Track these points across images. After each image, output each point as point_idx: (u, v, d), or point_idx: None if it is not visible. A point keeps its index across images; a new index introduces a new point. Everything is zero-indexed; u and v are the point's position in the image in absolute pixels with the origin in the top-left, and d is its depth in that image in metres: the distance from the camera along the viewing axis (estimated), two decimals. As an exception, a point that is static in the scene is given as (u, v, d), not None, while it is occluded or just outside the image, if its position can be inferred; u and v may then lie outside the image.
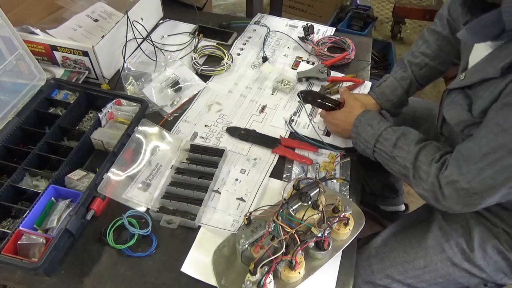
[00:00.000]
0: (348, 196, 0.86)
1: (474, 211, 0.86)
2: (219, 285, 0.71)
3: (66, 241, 0.74)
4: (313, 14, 2.59)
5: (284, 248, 0.68)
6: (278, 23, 1.34)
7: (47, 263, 0.68)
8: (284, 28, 1.32)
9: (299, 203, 0.76)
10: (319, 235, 0.71)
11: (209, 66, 1.15)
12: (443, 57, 0.94)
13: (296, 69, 1.17)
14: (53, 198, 0.78)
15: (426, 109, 1.10)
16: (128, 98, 0.97)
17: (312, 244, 0.72)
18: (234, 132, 0.98)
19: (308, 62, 1.20)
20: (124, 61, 1.10)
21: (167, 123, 1.01)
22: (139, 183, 0.86)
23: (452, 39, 0.92)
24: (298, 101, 1.07)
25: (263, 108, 1.06)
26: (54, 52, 1.05)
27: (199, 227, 0.80)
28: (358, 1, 2.20)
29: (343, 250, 0.76)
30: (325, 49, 1.22)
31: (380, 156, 0.82)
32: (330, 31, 1.31)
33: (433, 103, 1.15)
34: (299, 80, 1.13)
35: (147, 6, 1.23)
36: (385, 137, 0.80)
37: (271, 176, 0.90)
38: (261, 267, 0.67)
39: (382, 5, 2.88)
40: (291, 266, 0.69)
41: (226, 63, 1.15)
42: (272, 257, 0.67)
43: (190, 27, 1.30)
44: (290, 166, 0.92)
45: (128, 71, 1.09)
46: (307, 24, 1.25)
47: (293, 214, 0.74)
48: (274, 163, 0.92)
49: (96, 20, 1.22)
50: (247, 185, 0.88)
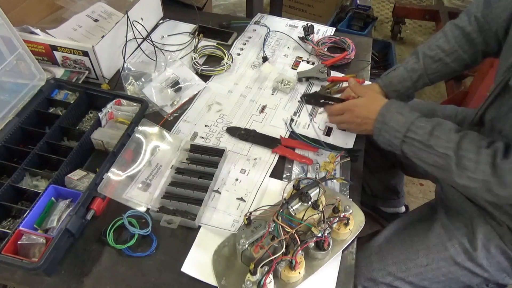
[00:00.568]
0: (348, 196, 0.86)
1: (480, 208, 0.85)
2: (219, 285, 0.71)
3: (66, 241, 0.74)
4: (313, 14, 2.59)
5: (284, 248, 0.68)
6: (278, 23, 1.34)
7: (47, 263, 0.68)
8: (284, 28, 1.32)
9: (299, 203, 0.76)
10: (319, 235, 0.71)
11: (209, 66, 1.15)
12: (459, 55, 0.91)
13: (296, 69, 1.17)
14: (53, 198, 0.78)
15: (429, 110, 1.09)
16: (128, 98, 0.97)
17: (312, 244, 0.72)
18: (234, 132, 0.98)
19: (308, 62, 1.20)
20: (124, 61, 1.10)
21: (167, 123, 1.01)
22: (139, 183, 0.86)
23: (475, 36, 0.88)
24: (299, 101, 1.07)
25: (263, 108, 1.06)
26: (54, 52, 1.05)
27: (199, 227, 0.80)
28: (358, 1, 2.20)
29: (343, 250, 0.76)
30: (325, 49, 1.22)
31: (411, 147, 0.76)
32: (330, 31, 1.31)
33: (435, 104, 1.15)
34: (299, 80, 1.13)
35: (147, 6, 1.23)
36: (419, 125, 0.75)
37: (271, 176, 0.90)
38: (261, 267, 0.67)
39: (382, 5, 2.88)
40: (291, 266, 0.69)
41: (226, 63, 1.15)
42: (272, 257, 0.67)
43: (190, 27, 1.30)
44: (290, 166, 0.92)
45: (128, 71, 1.09)
46: (307, 24, 1.25)
47: (293, 214, 0.74)
48: (274, 163, 0.92)
49: (96, 20, 1.22)
50: (247, 185, 0.88)
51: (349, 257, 0.77)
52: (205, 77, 1.13)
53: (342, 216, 0.75)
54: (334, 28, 1.32)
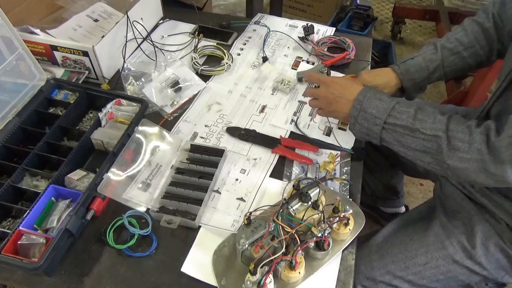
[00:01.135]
0: (348, 196, 0.86)
1: (478, 205, 0.86)
2: (219, 285, 0.71)
3: (66, 241, 0.74)
4: (313, 14, 2.59)
5: (284, 248, 0.68)
6: (278, 23, 1.34)
7: (47, 263, 0.68)
8: (284, 28, 1.32)
9: (299, 203, 0.76)
10: (319, 235, 0.71)
11: (209, 66, 1.15)
12: (476, 51, 0.90)
13: (296, 69, 1.17)
14: (53, 198, 0.78)
15: None
16: (128, 98, 0.97)
17: (312, 244, 0.72)
18: (234, 132, 0.98)
19: (308, 62, 1.20)
20: (124, 61, 1.10)
21: (167, 123, 1.01)
22: (139, 183, 0.86)
23: (493, 33, 0.89)
24: (299, 101, 1.08)
25: (263, 108, 1.06)
26: (54, 52, 1.05)
27: (199, 227, 0.80)
28: (358, 1, 2.20)
29: (343, 250, 0.76)
30: (325, 49, 1.22)
31: (393, 134, 0.73)
32: (330, 31, 1.31)
33: (435, 104, 1.15)
34: (299, 80, 1.13)
35: (147, 6, 1.23)
36: (400, 110, 0.73)
37: (271, 176, 0.90)
38: (261, 267, 0.67)
39: (382, 5, 2.88)
40: (291, 266, 0.69)
41: (226, 63, 1.15)
42: (272, 257, 0.67)
43: (190, 27, 1.30)
44: (290, 166, 0.92)
45: (128, 71, 1.09)
46: (307, 24, 1.25)
47: (293, 214, 0.74)
48: (274, 163, 0.92)
49: (96, 20, 1.22)
50: (247, 185, 0.88)
51: (349, 257, 0.77)
52: (205, 77, 1.13)
53: (342, 216, 0.75)
54: (334, 28, 1.32)
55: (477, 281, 0.89)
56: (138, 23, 1.14)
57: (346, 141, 0.97)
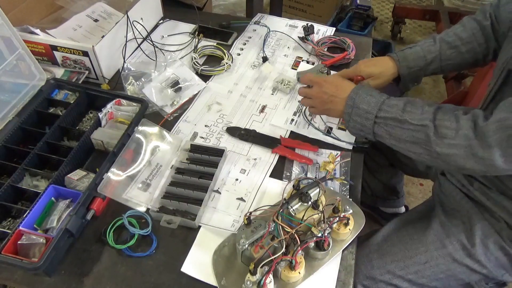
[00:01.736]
0: (348, 196, 0.86)
1: (477, 204, 0.86)
2: (219, 285, 0.71)
3: (66, 241, 0.74)
4: (313, 14, 2.59)
5: (284, 248, 0.69)
6: (278, 23, 1.34)
7: (47, 263, 0.68)
8: (284, 28, 1.32)
9: (299, 203, 0.76)
10: (319, 235, 0.71)
11: (209, 66, 1.15)
12: (473, 47, 0.92)
13: (296, 69, 1.17)
14: (53, 198, 0.78)
15: None
16: (128, 98, 0.97)
17: (312, 244, 0.72)
18: (234, 132, 0.98)
19: (308, 62, 1.20)
20: (124, 61, 1.10)
21: (167, 123, 1.01)
22: (139, 183, 0.86)
23: (490, 31, 0.90)
24: (299, 101, 1.08)
25: (263, 108, 1.06)
26: (54, 52, 1.05)
27: (199, 227, 0.80)
28: (358, 1, 2.20)
29: (343, 250, 0.76)
30: (325, 49, 1.22)
31: (384, 127, 0.75)
32: (330, 31, 1.31)
33: (435, 103, 1.15)
34: (299, 80, 1.13)
35: (147, 6, 1.23)
36: (390, 104, 0.75)
37: (271, 176, 0.90)
38: (261, 267, 0.67)
39: (382, 5, 2.88)
40: (291, 266, 0.69)
41: (226, 63, 1.15)
42: (272, 257, 0.67)
43: (190, 27, 1.30)
44: (290, 166, 0.92)
45: (128, 71, 1.09)
46: (307, 24, 1.25)
47: (293, 214, 0.74)
48: (274, 163, 0.92)
49: (96, 20, 1.22)
50: (247, 185, 0.88)
51: (349, 257, 0.77)
52: (205, 77, 1.13)
53: (342, 216, 0.75)
54: (334, 28, 1.32)
55: (477, 280, 0.89)
56: (138, 23, 1.14)
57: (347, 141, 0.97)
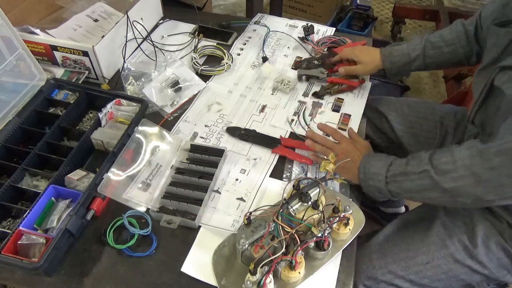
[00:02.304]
0: (348, 196, 0.86)
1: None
2: (219, 285, 0.71)
3: (66, 241, 0.74)
4: (313, 14, 2.59)
5: (284, 248, 0.68)
6: (278, 23, 1.34)
7: (47, 263, 0.68)
8: (284, 28, 1.32)
9: (299, 203, 0.76)
10: (319, 235, 0.71)
11: (209, 66, 1.15)
12: (456, 49, 0.98)
13: (296, 69, 1.17)
14: (53, 198, 0.78)
15: (428, 109, 1.10)
16: (128, 98, 0.97)
17: (312, 244, 0.72)
18: (234, 132, 0.98)
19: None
20: (124, 61, 1.10)
21: (167, 123, 1.01)
22: (139, 183, 0.86)
23: (472, 36, 0.96)
24: (299, 101, 1.08)
25: (263, 108, 1.06)
26: (54, 52, 1.05)
27: (199, 227, 0.80)
28: (358, 1, 2.20)
29: (343, 250, 0.76)
30: (325, 49, 1.22)
31: (395, 183, 0.79)
32: (330, 31, 1.31)
33: (434, 103, 1.16)
34: (299, 78, 1.13)
35: (147, 6, 1.23)
36: (396, 163, 0.80)
37: (271, 176, 0.90)
38: (261, 267, 0.67)
39: (382, 5, 2.88)
40: (291, 266, 0.69)
41: (226, 63, 1.15)
42: (272, 257, 0.67)
43: (190, 27, 1.30)
44: (290, 166, 0.92)
45: (128, 71, 1.09)
46: (307, 24, 1.25)
47: (293, 214, 0.74)
48: (274, 163, 0.92)
49: (96, 20, 1.22)
50: (247, 185, 0.88)
51: (349, 257, 0.77)
52: (205, 77, 1.13)
53: (342, 216, 0.75)
54: (334, 28, 1.32)
55: (479, 281, 0.89)
56: (138, 23, 1.14)
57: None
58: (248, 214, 0.72)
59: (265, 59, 1.19)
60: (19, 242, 0.71)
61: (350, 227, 0.76)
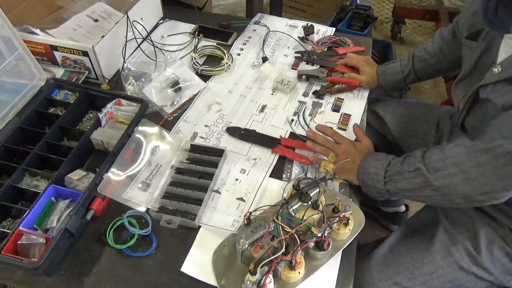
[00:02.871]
0: (348, 196, 0.86)
1: (481, 211, 0.86)
2: (219, 285, 0.71)
3: (66, 241, 0.74)
4: (313, 14, 2.59)
5: (284, 248, 0.68)
6: (278, 23, 1.34)
7: (47, 263, 0.68)
8: (284, 28, 1.32)
9: (299, 203, 0.76)
10: (319, 235, 0.71)
11: (209, 66, 1.15)
12: (439, 58, 1.03)
13: (296, 69, 1.17)
14: (53, 198, 0.78)
15: (425, 110, 1.10)
16: (128, 98, 0.97)
17: (312, 244, 0.72)
18: (234, 132, 0.98)
19: (308, 63, 1.20)
20: (124, 61, 1.10)
21: (167, 123, 1.01)
22: (139, 183, 0.86)
23: (452, 44, 1.00)
24: (299, 101, 1.08)
25: (263, 108, 1.06)
26: (54, 52, 1.05)
27: (199, 227, 0.80)
28: (358, 1, 2.20)
29: (343, 250, 0.76)
30: (325, 49, 1.22)
31: (392, 183, 0.80)
32: (330, 31, 1.31)
33: (431, 105, 1.16)
34: (299, 78, 1.13)
35: (147, 6, 1.23)
36: (393, 163, 0.81)
37: (271, 176, 0.90)
38: (261, 267, 0.67)
39: (382, 5, 2.88)
40: (291, 266, 0.69)
41: (226, 63, 1.15)
42: (272, 257, 0.67)
43: (190, 27, 1.30)
44: (290, 166, 0.92)
45: (128, 71, 1.09)
46: (307, 24, 1.25)
47: (293, 214, 0.74)
48: (274, 163, 0.92)
49: (96, 20, 1.22)
50: (247, 185, 0.88)
51: (349, 257, 0.77)
52: (205, 77, 1.13)
53: (342, 216, 0.75)
54: (334, 28, 1.32)
55: None
56: (138, 23, 1.14)
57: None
58: (248, 214, 0.72)
59: (265, 59, 1.19)
60: (19, 242, 0.71)
61: (350, 227, 0.76)
